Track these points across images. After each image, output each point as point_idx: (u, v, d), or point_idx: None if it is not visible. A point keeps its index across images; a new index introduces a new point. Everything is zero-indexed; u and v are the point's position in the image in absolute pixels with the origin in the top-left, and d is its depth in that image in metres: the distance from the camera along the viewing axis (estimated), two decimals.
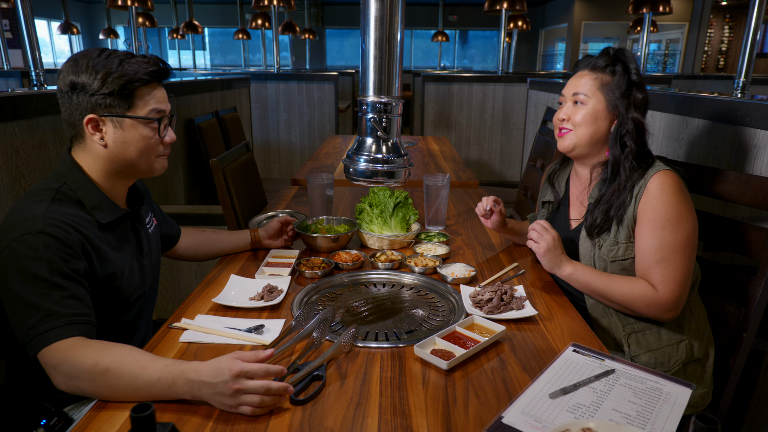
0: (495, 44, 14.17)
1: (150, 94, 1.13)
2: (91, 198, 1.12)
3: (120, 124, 1.11)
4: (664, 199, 1.26)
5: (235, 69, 10.14)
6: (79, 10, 13.13)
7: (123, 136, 1.12)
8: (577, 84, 1.39)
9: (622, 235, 1.32)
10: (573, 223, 1.47)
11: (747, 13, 2.07)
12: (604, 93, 1.36)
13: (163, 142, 1.18)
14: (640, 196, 1.29)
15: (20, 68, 6.06)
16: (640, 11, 4.47)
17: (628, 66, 1.35)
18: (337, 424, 0.84)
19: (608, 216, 1.33)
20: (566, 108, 1.41)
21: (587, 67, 1.40)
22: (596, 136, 1.37)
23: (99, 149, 1.12)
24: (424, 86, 5.65)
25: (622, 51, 1.38)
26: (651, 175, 1.29)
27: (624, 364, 0.98)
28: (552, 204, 1.56)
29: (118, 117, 1.10)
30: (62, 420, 1.15)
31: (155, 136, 1.15)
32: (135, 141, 1.13)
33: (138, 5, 4.23)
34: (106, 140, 1.12)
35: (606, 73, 1.36)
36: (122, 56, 1.11)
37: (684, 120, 2.01)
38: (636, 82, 1.34)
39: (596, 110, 1.36)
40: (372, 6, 1.28)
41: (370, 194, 1.72)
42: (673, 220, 1.25)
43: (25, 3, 2.10)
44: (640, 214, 1.29)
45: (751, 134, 1.65)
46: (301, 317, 1.12)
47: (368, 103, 1.37)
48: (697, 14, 10.39)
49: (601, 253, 1.34)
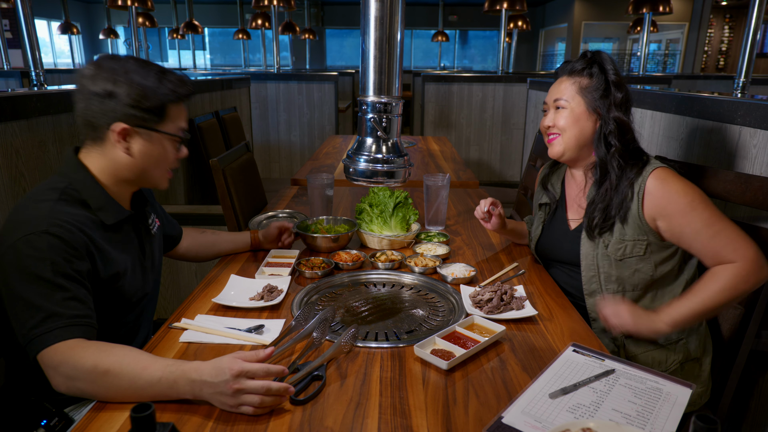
0: (495, 44, 14.17)
1: (179, 112, 1.17)
2: (96, 199, 1.13)
3: (149, 137, 1.14)
4: (675, 188, 1.27)
5: (235, 69, 10.14)
6: (79, 10, 13.13)
7: (150, 149, 1.14)
8: (557, 90, 1.42)
9: (629, 232, 1.32)
10: (572, 224, 1.47)
11: (747, 13, 2.07)
12: (583, 96, 1.37)
13: (177, 156, 1.21)
14: (641, 194, 1.30)
15: (20, 68, 6.07)
16: (640, 11, 4.47)
17: (605, 67, 1.37)
18: (337, 424, 0.84)
19: (609, 215, 1.33)
20: (550, 115, 1.43)
21: (565, 73, 1.42)
22: (582, 137, 1.38)
23: (120, 156, 1.14)
24: (424, 86, 5.65)
25: (599, 53, 1.40)
26: (649, 172, 1.30)
27: (624, 364, 0.98)
28: (549, 206, 1.56)
29: (150, 130, 1.13)
30: (62, 420, 1.15)
31: (174, 151, 1.19)
32: (158, 154, 1.16)
33: (138, 5, 4.24)
34: (132, 151, 1.13)
35: (584, 76, 1.38)
36: (159, 73, 1.12)
37: (684, 120, 2.01)
38: (614, 81, 1.36)
39: (577, 113, 1.37)
40: (372, 6, 1.28)
41: (370, 194, 1.72)
42: (696, 200, 1.26)
43: (25, 3, 2.10)
44: (659, 213, 1.28)
45: (752, 134, 1.65)
46: (301, 317, 1.12)
47: (368, 103, 1.37)
48: (697, 14, 10.39)
49: (607, 252, 1.34)
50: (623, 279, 1.33)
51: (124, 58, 1.13)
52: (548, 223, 1.54)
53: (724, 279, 1.23)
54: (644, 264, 1.32)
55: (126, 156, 1.14)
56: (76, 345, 0.95)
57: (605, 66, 1.37)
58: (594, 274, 1.36)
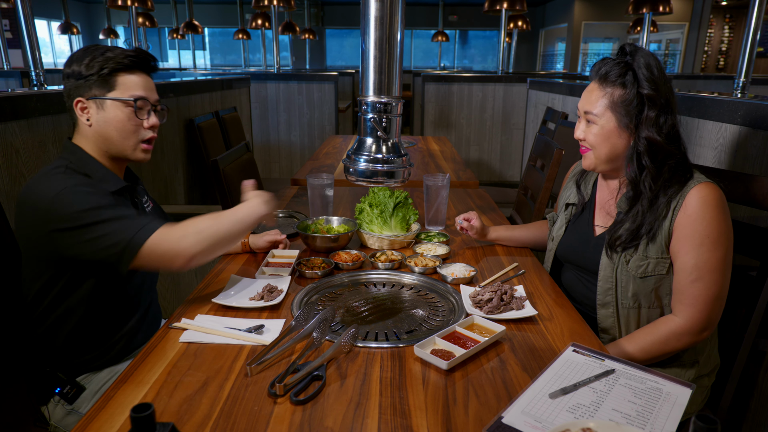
0: (495, 44, 14.17)
1: (131, 80, 1.27)
2: (96, 171, 1.26)
3: (102, 105, 1.25)
4: (706, 215, 1.19)
5: (235, 69, 10.14)
6: (79, 10, 13.13)
7: (104, 116, 1.25)
8: (587, 101, 1.31)
9: (653, 250, 1.25)
10: (597, 230, 1.41)
11: (747, 13, 2.07)
12: (614, 111, 1.27)
13: (144, 126, 1.30)
14: (677, 210, 1.22)
15: (20, 68, 6.07)
16: (640, 11, 4.47)
17: (639, 76, 1.24)
18: (337, 424, 0.84)
19: (637, 235, 1.26)
20: (581, 126, 1.34)
21: (597, 78, 1.30)
22: (613, 154, 1.30)
23: (86, 129, 1.26)
24: (424, 86, 5.65)
25: (637, 53, 1.26)
26: (690, 188, 1.22)
27: (624, 364, 0.98)
28: (575, 206, 1.49)
29: (99, 99, 1.24)
30: (74, 388, 1.28)
31: (134, 119, 1.27)
32: (114, 121, 1.26)
33: (138, 5, 4.24)
34: (91, 120, 1.25)
35: (616, 86, 1.26)
36: (108, 48, 1.26)
37: (684, 120, 2.01)
38: (648, 95, 1.23)
39: (607, 130, 1.28)
40: (372, 6, 1.28)
41: (370, 194, 1.72)
42: (712, 237, 1.18)
43: (25, 3, 2.10)
44: (677, 229, 1.22)
45: (752, 134, 1.65)
46: (301, 317, 1.12)
47: (368, 103, 1.37)
48: (697, 14, 10.39)
49: (628, 269, 1.28)
50: (641, 295, 1.29)
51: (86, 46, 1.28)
52: (572, 224, 1.49)
53: (659, 333, 1.25)
54: (665, 282, 1.27)
55: (89, 127, 1.26)
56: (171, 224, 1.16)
57: (639, 75, 1.23)
58: (611, 287, 1.31)
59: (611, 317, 1.33)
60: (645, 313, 1.30)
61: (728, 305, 1.39)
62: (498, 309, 1.20)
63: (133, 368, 0.98)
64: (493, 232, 1.66)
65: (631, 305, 1.30)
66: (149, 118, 1.30)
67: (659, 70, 1.24)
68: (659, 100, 1.23)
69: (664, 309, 1.30)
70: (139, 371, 0.97)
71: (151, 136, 1.32)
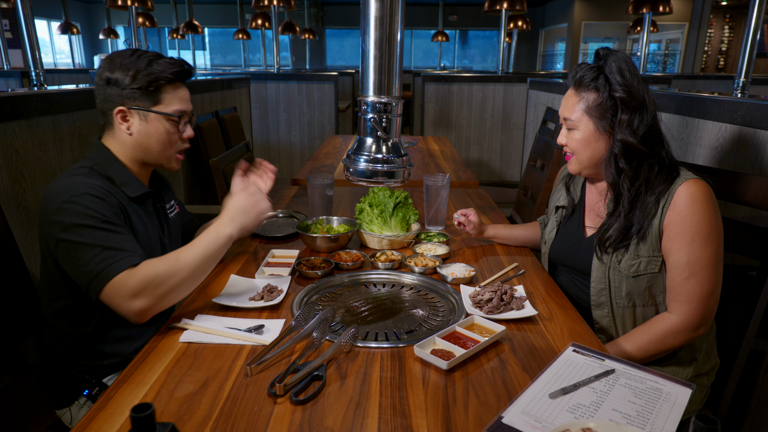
0: (495, 44, 14.17)
1: (174, 93, 1.28)
2: (120, 175, 1.27)
3: (145, 117, 1.26)
4: (695, 211, 1.19)
5: (235, 69, 10.14)
6: (79, 10, 13.13)
7: (147, 128, 1.27)
8: (566, 107, 1.33)
9: (644, 249, 1.26)
10: (588, 231, 1.42)
11: (747, 13, 2.07)
12: (590, 116, 1.28)
13: (182, 137, 1.32)
14: (666, 208, 1.23)
15: (20, 68, 6.07)
16: (640, 11, 4.47)
17: (610, 80, 1.25)
18: (337, 424, 0.84)
19: (627, 235, 1.27)
20: (563, 132, 1.36)
21: (573, 84, 1.32)
22: (595, 158, 1.32)
23: (125, 137, 1.27)
24: (424, 86, 5.65)
25: (609, 56, 1.27)
26: (678, 185, 1.23)
27: (624, 364, 0.98)
28: (566, 209, 1.50)
29: (144, 111, 1.25)
30: (102, 389, 1.28)
31: (175, 132, 1.30)
32: (157, 134, 1.27)
33: (138, 5, 4.23)
34: (132, 130, 1.26)
35: (590, 90, 1.28)
36: (151, 57, 1.26)
37: (684, 120, 2.01)
38: (620, 98, 1.23)
39: (587, 134, 1.30)
40: (372, 6, 1.28)
41: (370, 194, 1.72)
42: (703, 233, 1.19)
43: (25, 3, 2.10)
44: (667, 227, 1.23)
45: (752, 134, 1.65)
46: (301, 317, 1.12)
47: (368, 103, 1.37)
48: (697, 14, 10.39)
49: (620, 269, 1.28)
50: (634, 294, 1.29)
51: (125, 50, 1.28)
52: (563, 226, 1.50)
53: (656, 331, 1.25)
54: (658, 280, 1.28)
55: (129, 136, 1.27)
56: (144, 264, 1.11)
57: (611, 79, 1.24)
58: (604, 287, 1.32)
59: (606, 317, 1.34)
60: (640, 312, 1.31)
61: (728, 305, 1.39)
62: (498, 309, 1.20)
63: (133, 368, 0.98)
64: (490, 230, 1.66)
65: (626, 304, 1.30)
66: (186, 130, 1.33)
67: (631, 73, 1.25)
68: (632, 102, 1.24)
69: (659, 307, 1.31)
70: (139, 371, 0.98)
71: (186, 146, 1.35)
